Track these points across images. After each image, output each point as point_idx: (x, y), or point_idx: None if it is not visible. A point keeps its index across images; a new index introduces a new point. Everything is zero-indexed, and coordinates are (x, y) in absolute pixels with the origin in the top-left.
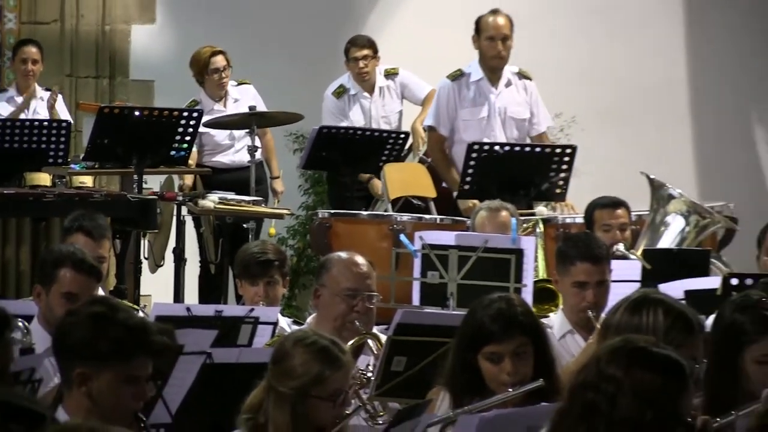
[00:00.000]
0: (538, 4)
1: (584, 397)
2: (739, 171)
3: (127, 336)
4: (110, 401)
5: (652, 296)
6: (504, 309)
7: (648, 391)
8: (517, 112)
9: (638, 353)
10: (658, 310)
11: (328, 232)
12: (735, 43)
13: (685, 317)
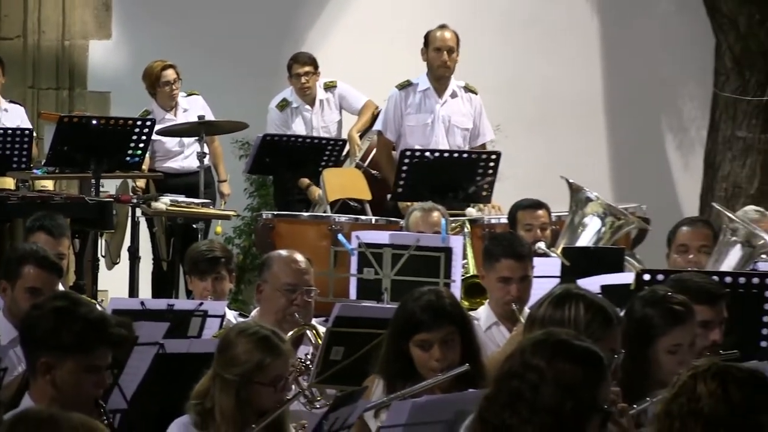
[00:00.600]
0: (468, 20)
1: (510, 386)
2: (651, 175)
3: (89, 329)
4: (72, 389)
5: (573, 292)
6: (433, 300)
7: (569, 381)
8: (460, 121)
9: (560, 345)
10: (579, 305)
11: (272, 231)
12: (646, 57)
13: (604, 311)
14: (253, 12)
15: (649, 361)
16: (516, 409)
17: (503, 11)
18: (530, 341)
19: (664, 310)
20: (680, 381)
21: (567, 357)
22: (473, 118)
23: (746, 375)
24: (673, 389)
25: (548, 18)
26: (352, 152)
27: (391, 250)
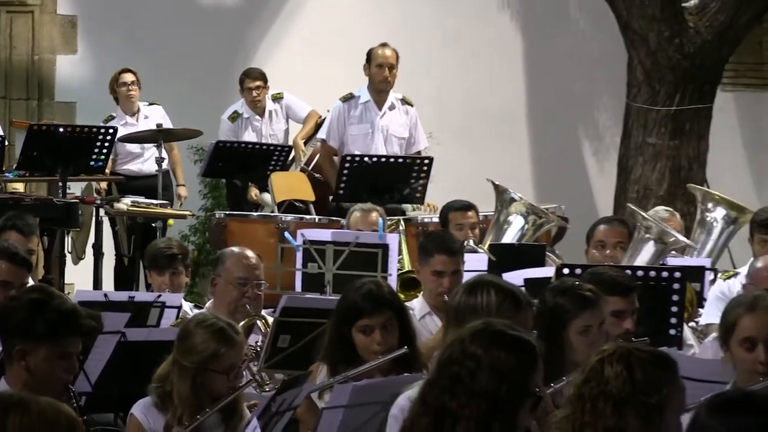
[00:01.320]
0: (404, 37)
1: (450, 371)
2: (570, 178)
3: (61, 319)
4: (45, 374)
5: (484, 279)
6: (374, 289)
7: (504, 368)
8: (398, 131)
9: (496, 335)
10: (490, 291)
11: (224, 230)
12: (565, 71)
13: (513, 294)
14: (207, 30)
15: (563, 344)
16: (455, 393)
17: (435, 30)
18: (469, 330)
19: (573, 296)
20: (589, 365)
21: (502, 345)
22: (409, 128)
23: (648, 355)
24: (582, 374)
25: (476, 36)
26: (297, 158)
27: (333, 246)
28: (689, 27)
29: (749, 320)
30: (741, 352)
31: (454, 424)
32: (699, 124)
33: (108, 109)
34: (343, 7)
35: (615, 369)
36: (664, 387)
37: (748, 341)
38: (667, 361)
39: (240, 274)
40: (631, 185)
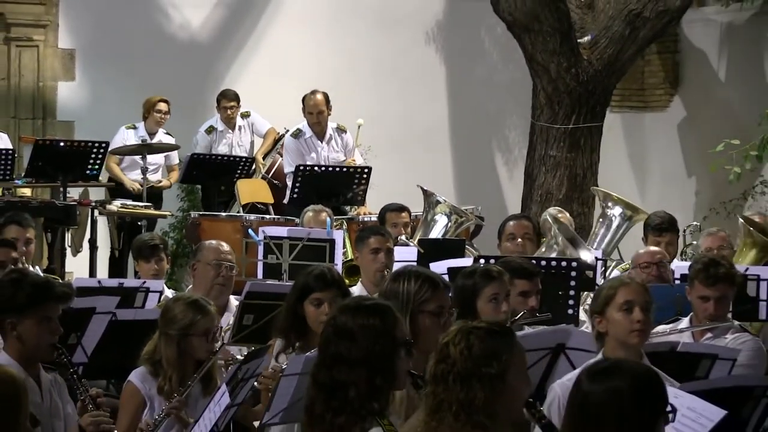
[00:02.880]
0: (348, 67)
1: (329, 351)
2: (485, 184)
3: (37, 289)
4: (33, 339)
5: (406, 269)
6: (325, 271)
7: (372, 329)
8: (336, 157)
9: (358, 306)
10: (410, 278)
11: (198, 227)
12: (481, 95)
13: (430, 278)
14: (184, 60)
15: (477, 314)
16: (339, 367)
17: (375, 60)
18: (337, 308)
19: (481, 272)
20: (438, 348)
21: (365, 312)
22: (345, 152)
23: (484, 331)
24: (435, 356)
25: (408, 66)
26: (258, 168)
27: (288, 241)
28: (583, 59)
29: (626, 289)
30: (620, 315)
31: (346, 391)
32: (591, 139)
33: (101, 127)
34: (298, 41)
35: (458, 347)
36: (503, 355)
37: (627, 304)
38: (502, 332)
39: (216, 257)
40: (536, 190)
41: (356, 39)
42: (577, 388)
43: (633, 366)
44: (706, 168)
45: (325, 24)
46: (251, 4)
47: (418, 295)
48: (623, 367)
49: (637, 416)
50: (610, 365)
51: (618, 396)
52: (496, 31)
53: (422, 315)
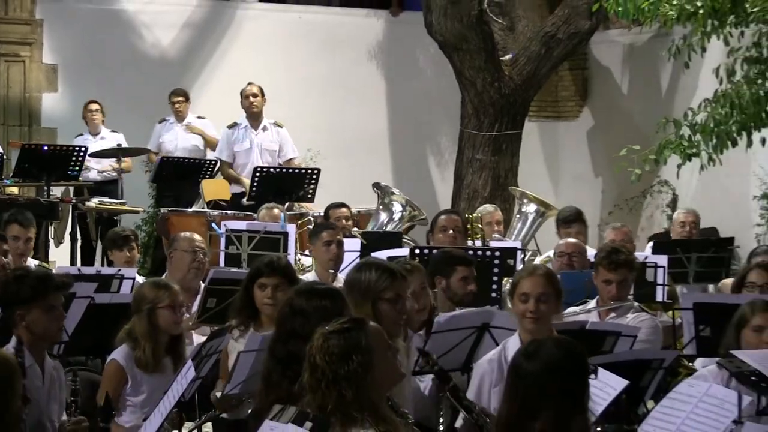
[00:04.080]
0: (300, 81)
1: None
2: (419, 184)
3: (39, 282)
4: (41, 328)
5: (367, 261)
6: (274, 259)
7: (323, 310)
8: (269, 146)
9: (312, 289)
10: (371, 268)
11: (167, 222)
12: (416, 106)
13: (389, 269)
14: (154, 75)
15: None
16: (295, 342)
17: (323, 78)
18: (294, 291)
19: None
20: (307, 359)
21: (318, 295)
22: (279, 144)
23: (337, 329)
24: (306, 368)
25: (352, 82)
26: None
27: (247, 234)
28: (505, 75)
29: (526, 281)
30: (519, 304)
31: (299, 361)
32: (512, 145)
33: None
34: (254, 59)
35: (320, 355)
36: (359, 346)
37: (524, 296)
38: (354, 326)
39: (191, 246)
40: (464, 189)
41: (306, 58)
42: (517, 370)
43: (559, 340)
44: (611, 170)
45: (279, 45)
46: (214, 27)
47: (377, 284)
48: (551, 343)
49: (573, 381)
50: (539, 344)
51: (555, 368)
52: (430, 50)
53: (381, 302)
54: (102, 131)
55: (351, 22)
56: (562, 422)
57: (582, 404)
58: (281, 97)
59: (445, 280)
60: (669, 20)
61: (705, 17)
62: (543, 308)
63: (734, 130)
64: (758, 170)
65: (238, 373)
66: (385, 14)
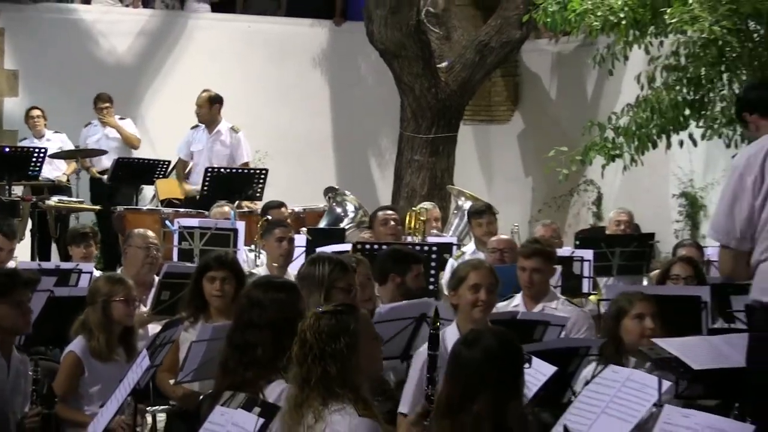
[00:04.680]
0: (250, 88)
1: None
2: (361, 183)
3: (7, 279)
4: (9, 322)
5: (320, 255)
6: (222, 254)
7: (280, 302)
8: (221, 150)
9: (269, 282)
10: (325, 262)
11: (123, 219)
12: (359, 109)
13: (341, 263)
14: (109, 81)
15: None
16: (252, 331)
17: (271, 85)
18: (250, 284)
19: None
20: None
21: (274, 287)
22: (231, 148)
23: (330, 311)
24: (296, 342)
25: (299, 88)
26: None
27: (199, 230)
28: (441, 81)
29: (476, 273)
30: (469, 294)
31: (255, 350)
32: (448, 146)
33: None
34: (205, 66)
35: (311, 332)
36: (349, 329)
37: (474, 287)
38: (346, 310)
39: (145, 242)
40: (403, 188)
41: (255, 65)
42: (457, 358)
43: (495, 330)
44: (540, 170)
45: (229, 53)
46: (167, 36)
47: (331, 276)
48: (489, 333)
49: (509, 368)
50: (478, 334)
51: (493, 355)
52: (371, 57)
53: (335, 291)
54: (46, 134)
55: (297, 32)
56: (499, 406)
57: (517, 390)
58: (230, 101)
59: (401, 278)
60: (594, 30)
61: (627, 28)
62: (491, 298)
63: (654, 133)
64: (677, 170)
65: (190, 362)
66: (328, 24)
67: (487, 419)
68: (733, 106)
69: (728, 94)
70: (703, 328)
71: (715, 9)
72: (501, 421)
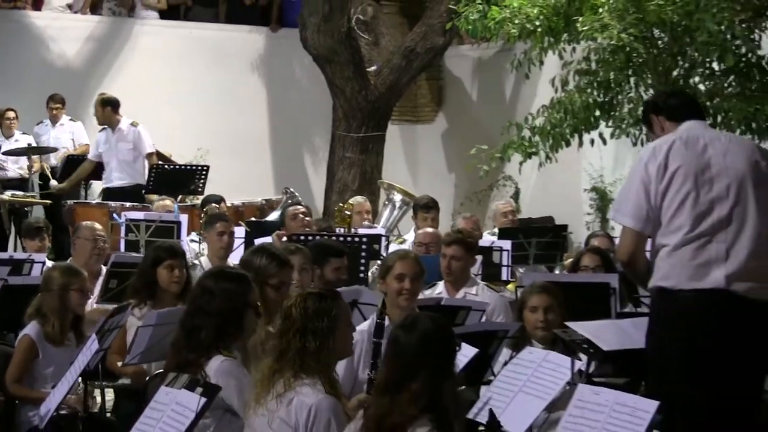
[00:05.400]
0: (192, 90)
1: (195, 303)
2: (296, 178)
3: None
4: None
5: (263, 246)
6: (173, 243)
7: (230, 291)
8: (125, 146)
9: (221, 272)
10: (263, 254)
11: (73, 212)
12: (295, 110)
13: (278, 257)
14: (61, 82)
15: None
16: (200, 316)
17: (212, 87)
18: (205, 273)
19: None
20: (283, 310)
21: (226, 278)
22: (133, 142)
23: (317, 293)
24: (280, 316)
25: (238, 90)
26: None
27: (144, 222)
28: (371, 84)
29: (401, 263)
30: (395, 283)
31: (200, 333)
32: (377, 144)
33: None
34: (150, 69)
35: (297, 309)
36: (331, 312)
37: (399, 276)
38: (331, 296)
39: (92, 234)
40: (335, 184)
41: (197, 69)
42: (395, 342)
43: (430, 316)
44: (462, 167)
45: (173, 57)
46: (113, 41)
47: (266, 270)
48: (425, 318)
49: (444, 351)
50: (414, 319)
51: (429, 339)
52: (305, 62)
53: (267, 287)
54: (15, 134)
55: (236, 37)
56: (435, 385)
57: (451, 370)
58: (174, 102)
59: (320, 270)
60: (512, 37)
61: (542, 35)
62: (416, 286)
63: (567, 133)
64: (588, 167)
65: (137, 345)
66: (265, 30)
67: (424, 397)
68: (640, 107)
69: (635, 97)
70: (612, 312)
71: (623, 18)
72: (436, 400)
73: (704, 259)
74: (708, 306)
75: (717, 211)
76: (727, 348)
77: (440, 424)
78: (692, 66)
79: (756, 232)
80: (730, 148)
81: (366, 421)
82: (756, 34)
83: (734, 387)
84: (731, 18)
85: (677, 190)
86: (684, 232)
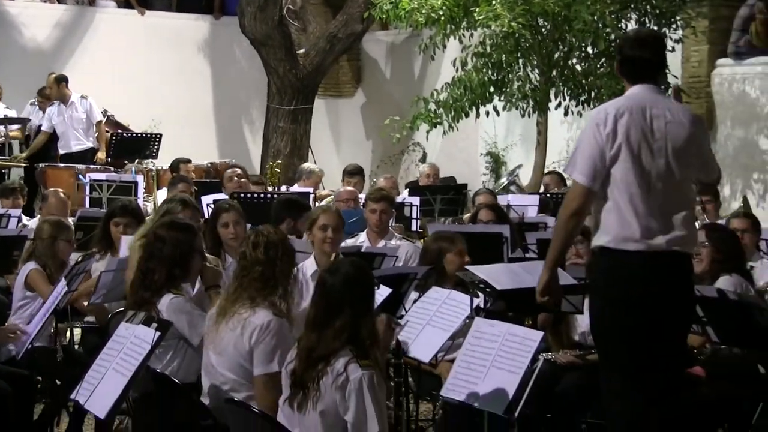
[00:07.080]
0: (151, 67)
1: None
2: (237, 145)
3: None
4: None
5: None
6: (127, 203)
7: (178, 239)
8: (79, 115)
9: (173, 223)
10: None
11: (44, 174)
12: (234, 88)
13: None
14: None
15: None
16: (153, 260)
17: (163, 64)
18: (158, 223)
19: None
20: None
21: (175, 227)
22: (86, 112)
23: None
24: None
25: (187, 69)
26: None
27: (106, 183)
28: (300, 64)
29: (324, 216)
30: (320, 233)
31: (153, 275)
32: (305, 116)
33: None
34: (110, 51)
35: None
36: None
37: (323, 227)
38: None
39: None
40: (270, 149)
41: (150, 51)
42: (323, 284)
43: (352, 261)
44: (378, 134)
45: (129, 40)
46: (77, 27)
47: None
48: (346, 262)
49: (364, 291)
50: (339, 264)
51: (351, 280)
52: (243, 45)
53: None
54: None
55: (184, 24)
56: (356, 321)
57: (370, 308)
58: (131, 79)
59: (294, 221)
60: (419, 24)
61: (445, 23)
62: (338, 236)
63: (467, 106)
64: (484, 135)
65: (101, 287)
66: (209, 18)
67: (345, 332)
68: (528, 84)
69: (523, 75)
70: (504, 257)
71: (513, 8)
72: (356, 333)
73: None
74: None
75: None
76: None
77: (359, 353)
78: (570, 50)
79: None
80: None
81: (299, 353)
82: (623, 23)
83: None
84: (603, 9)
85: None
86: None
